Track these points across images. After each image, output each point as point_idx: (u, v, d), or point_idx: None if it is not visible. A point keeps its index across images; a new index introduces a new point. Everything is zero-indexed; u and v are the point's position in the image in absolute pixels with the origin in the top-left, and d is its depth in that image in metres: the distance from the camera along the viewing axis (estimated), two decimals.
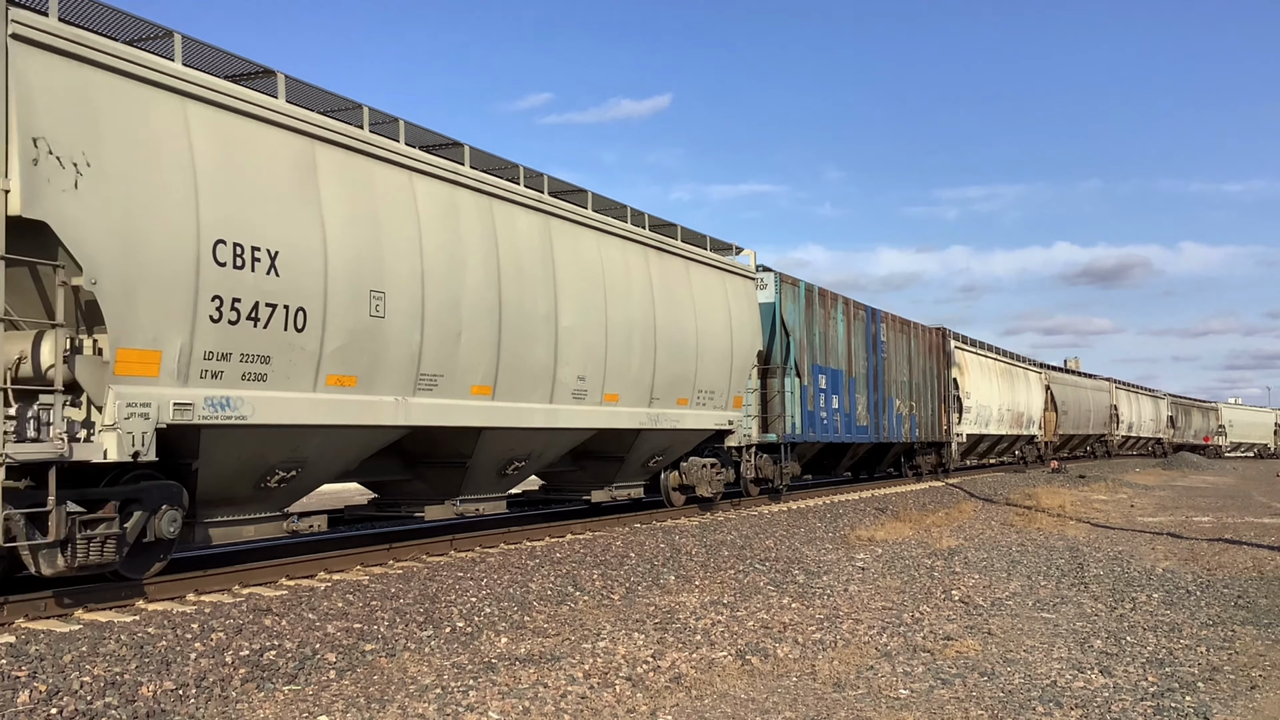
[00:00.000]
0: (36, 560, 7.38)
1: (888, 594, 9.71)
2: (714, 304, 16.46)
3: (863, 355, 23.13)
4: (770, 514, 17.23)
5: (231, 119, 8.60)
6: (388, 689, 6.23)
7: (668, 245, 15.40)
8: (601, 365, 13.45)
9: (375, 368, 9.81)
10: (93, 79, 7.60)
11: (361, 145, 9.80)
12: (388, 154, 10.12)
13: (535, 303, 12.13)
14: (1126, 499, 23.80)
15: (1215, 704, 6.03)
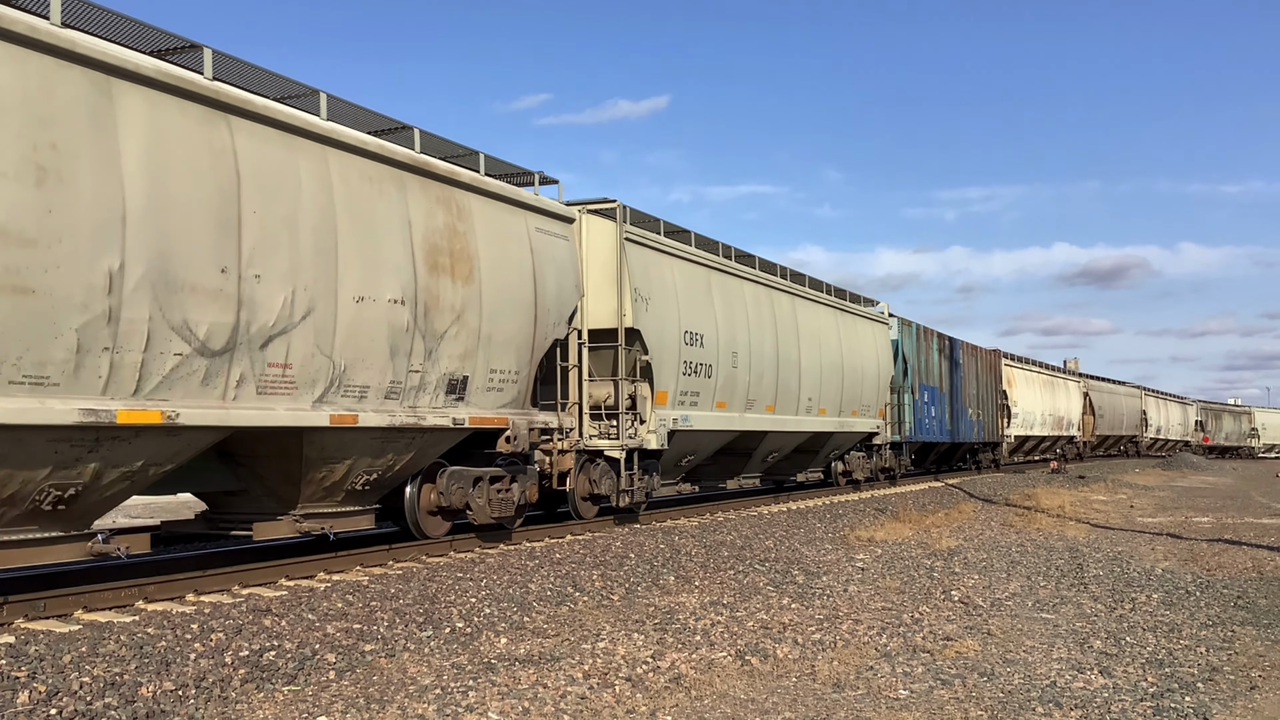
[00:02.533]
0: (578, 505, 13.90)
1: (887, 594, 9.71)
2: (866, 344, 23.30)
3: (948, 375, 29.90)
4: (770, 514, 17.25)
5: (675, 262, 15.68)
6: (387, 689, 6.23)
7: (844, 306, 22.54)
8: (818, 389, 20.34)
9: (732, 396, 16.99)
10: (651, 258, 14.99)
11: (730, 269, 17.42)
12: (739, 272, 17.74)
13: (790, 352, 19.10)
14: (1126, 499, 23.81)
15: (1215, 704, 6.03)
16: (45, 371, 7.07)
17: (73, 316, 7.17)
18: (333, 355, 9.34)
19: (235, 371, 8.43)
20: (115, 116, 7.55)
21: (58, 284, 7.07)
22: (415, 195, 10.43)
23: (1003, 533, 15.32)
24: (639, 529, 14.21)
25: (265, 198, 8.66)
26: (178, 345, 7.93)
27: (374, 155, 9.98)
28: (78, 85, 7.34)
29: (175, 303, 7.87)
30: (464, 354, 11.00)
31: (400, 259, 10.08)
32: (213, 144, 8.28)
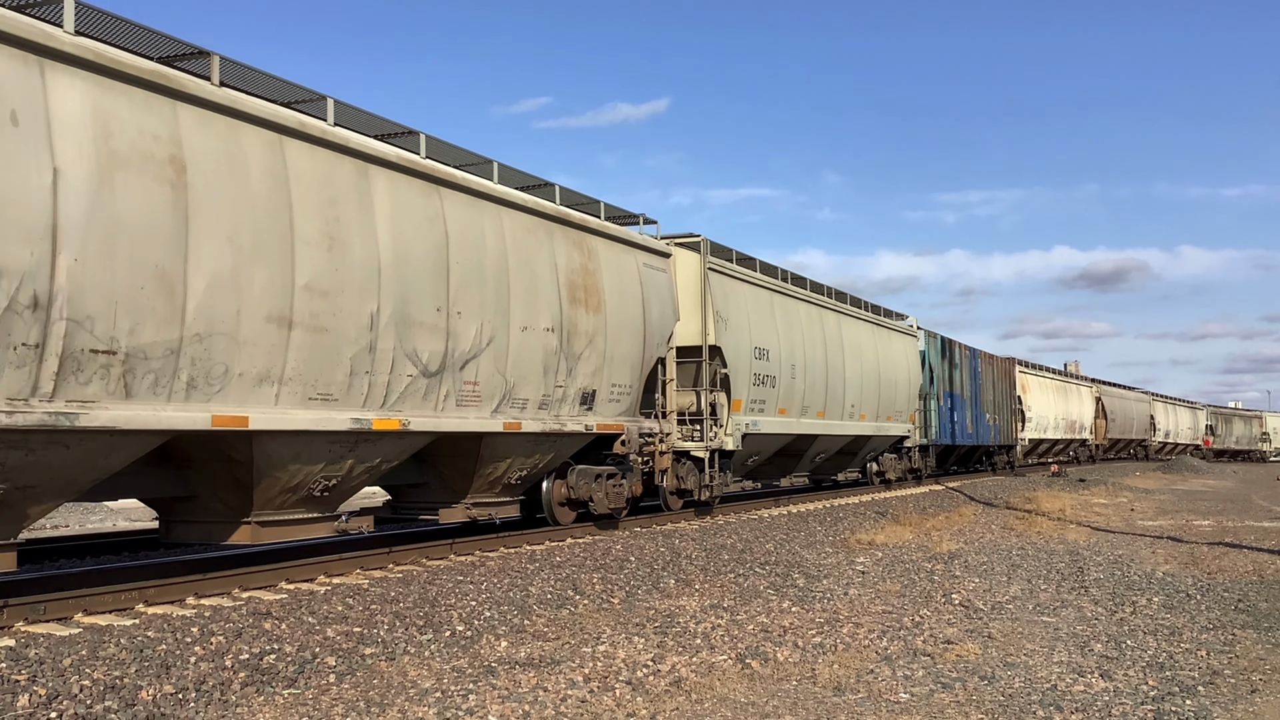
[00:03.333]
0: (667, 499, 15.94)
1: (888, 597, 9.70)
2: (898, 355, 25.53)
3: (969, 382, 31.95)
4: (770, 517, 17.25)
5: (744, 286, 17.98)
6: (387, 693, 6.23)
7: (879, 321, 24.76)
8: (859, 397, 22.58)
9: (791, 403, 19.20)
10: (727, 284, 17.26)
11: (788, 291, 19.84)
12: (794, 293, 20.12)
13: (837, 363, 21.41)
14: (1126, 503, 23.79)
15: (1215, 708, 6.02)
16: (330, 390, 9.22)
17: (348, 348, 9.34)
18: (505, 374, 11.54)
19: (443, 388, 10.62)
20: (372, 194, 9.72)
21: (340, 324, 9.23)
22: (559, 241, 12.65)
23: (1003, 536, 15.31)
24: (639, 532, 14.21)
25: (463, 250, 10.89)
26: (409, 369, 10.10)
27: (531, 210, 12.20)
28: (349, 172, 9.54)
29: (408, 336, 10.04)
30: (594, 371, 13.20)
31: (550, 295, 12.30)
32: (429, 210, 10.50)
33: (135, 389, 7.64)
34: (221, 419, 8.25)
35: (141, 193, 7.63)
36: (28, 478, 7.30)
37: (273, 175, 8.74)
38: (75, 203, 7.17)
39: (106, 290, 7.34)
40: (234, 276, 8.28)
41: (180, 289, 7.87)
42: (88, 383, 7.29)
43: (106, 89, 7.53)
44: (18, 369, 6.87)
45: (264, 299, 8.53)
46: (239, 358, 8.35)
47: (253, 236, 8.45)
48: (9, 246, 6.75)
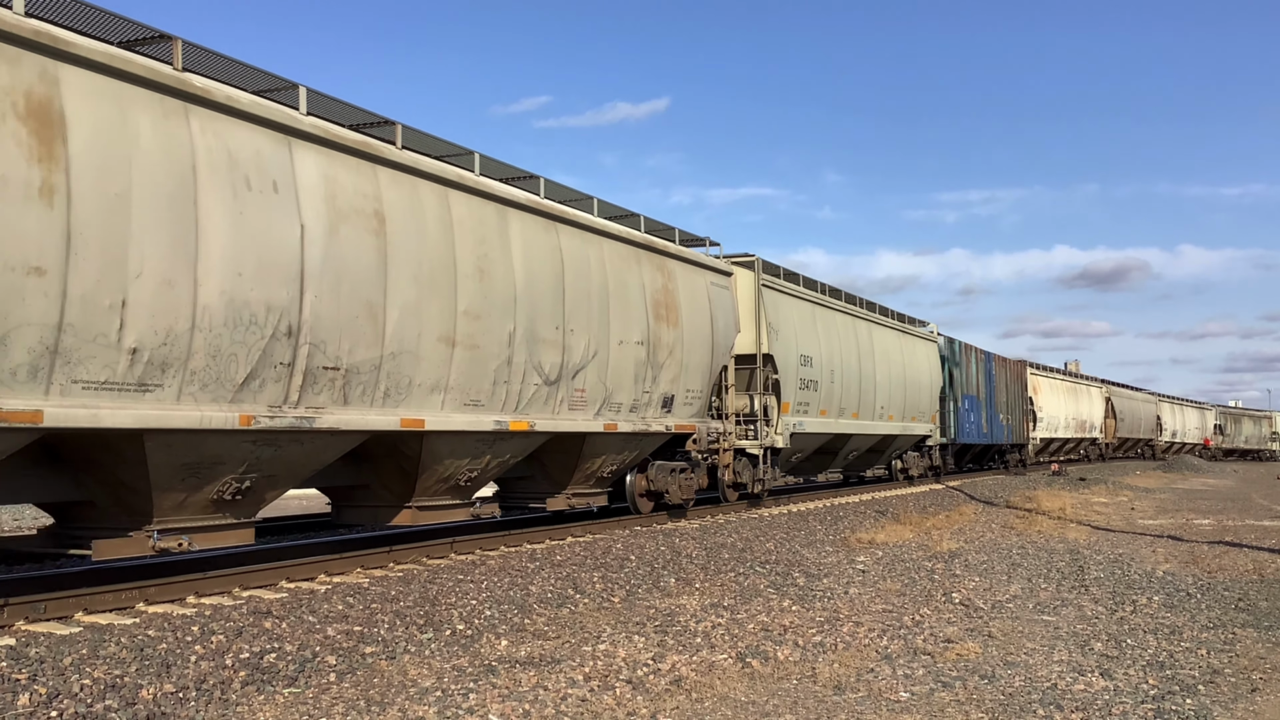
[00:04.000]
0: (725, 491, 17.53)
1: (888, 596, 9.70)
2: (921, 360, 27.53)
3: (984, 384, 33.76)
4: (771, 516, 17.25)
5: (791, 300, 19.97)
6: (388, 692, 6.23)
7: (904, 328, 26.81)
8: (888, 399, 24.59)
9: (830, 405, 21.40)
10: (778, 298, 19.19)
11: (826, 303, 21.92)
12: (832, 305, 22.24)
13: (868, 369, 23.37)
14: (1127, 501, 23.79)
15: (1216, 707, 6.02)
16: (479, 397, 11.10)
17: (493, 362, 11.22)
18: (606, 382, 13.36)
19: (559, 395, 12.43)
20: (508, 232, 11.60)
21: (487, 342, 11.11)
22: (645, 265, 14.54)
23: (1004, 535, 15.31)
24: (640, 531, 14.21)
25: (575, 276, 12.73)
26: (535, 378, 11.95)
27: (624, 239, 14.12)
28: (492, 214, 11.45)
29: (535, 350, 11.89)
30: (673, 379, 15.01)
31: (639, 312, 14.15)
32: (549, 243, 12.35)
33: (350, 398, 9.49)
34: (407, 421, 10.11)
35: (357, 241, 9.46)
36: (273, 469, 9.12)
37: (441, 221, 10.60)
38: (314, 251, 8.96)
39: (333, 320, 9.16)
40: (416, 306, 10.12)
41: (381, 317, 9.71)
42: (319, 393, 9.15)
43: (331, 158, 9.36)
44: (276, 383, 8.71)
45: (436, 323, 10.40)
46: (418, 372, 10.20)
47: (429, 272, 10.29)
48: (274, 288, 8.57)
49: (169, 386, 7.91)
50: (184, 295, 7.92)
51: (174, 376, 7.92)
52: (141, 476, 8.16)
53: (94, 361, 7.37)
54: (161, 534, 8.40)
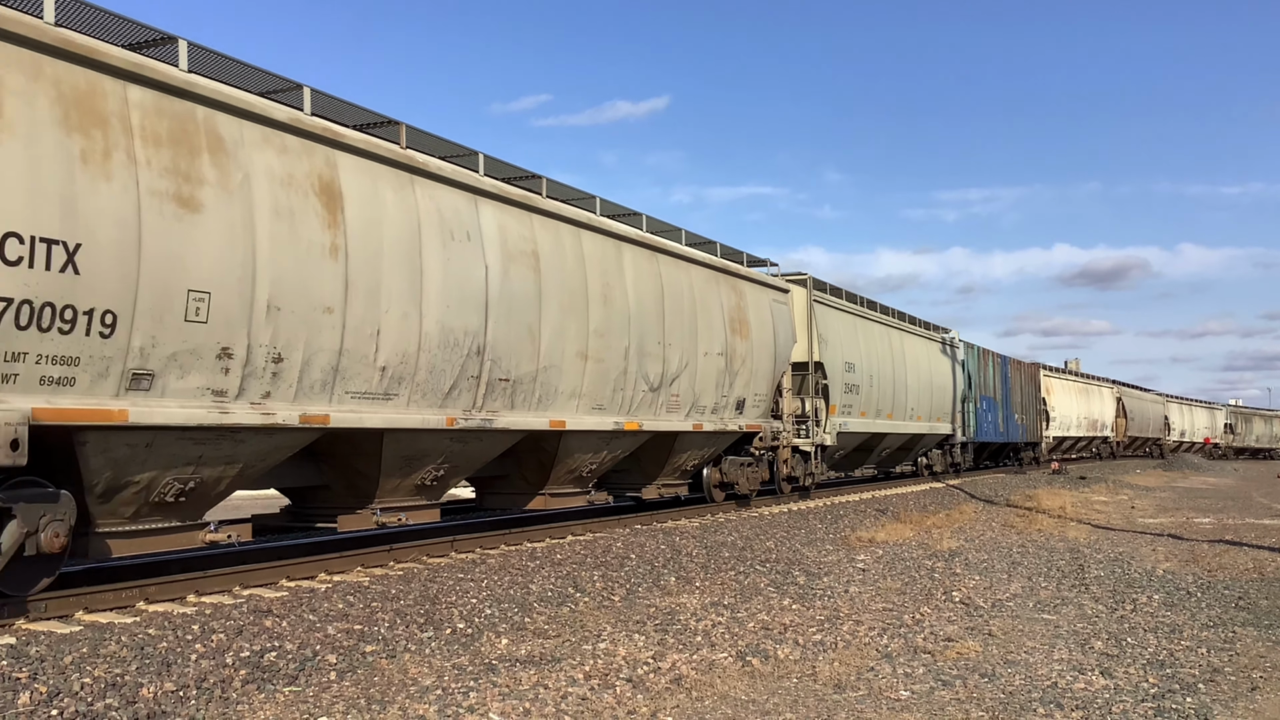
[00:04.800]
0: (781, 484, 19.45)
1: (888, 595, 9.70)
2: (945, 365, 29.97)
3: (999, 386, 36.24)
4: (771, 515, 17.25)
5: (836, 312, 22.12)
6: (388, 690, 6.23)
7: (930, 336, 29.25)
8: (918, 401, 26.99)
9: (869, 407, 23.61)
10: (826, 311, 21.26)
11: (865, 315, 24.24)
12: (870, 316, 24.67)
13: (901, 373, 25.84)
14: (1127, 500, 23.79)
15: (1216, 705, 6.02)
16: (602, 402, 13.31)
17: (613, 372, 13.42)
18: (694, 388, 15.62)
19: (660, 400, 14.68)
20: (623, 263, 13.88)
21: (609, 356, 13.34)
22: (723, 287, 16.82)
23: (1004, 534, 15.31)
24: (640, 530, 14.22)
25: (671, 299, 14.97)
26: (643, 386, 14.18)
27: (707, 265, 16.47)
28: (612, 249, 13.74)
29: (643, 362, 14.15)
30: (744, 384, 17.18)
31: (719, 327, 16.38)
32: (652, 271, 14.64)
33: (515, 403, 11.77)
34: (554, 422, 12.41)
35: (521, 277, 11.75)
36: (459, 461, 11.44)
37: (576, 256, 12.87)
38: (494, 286, 11.27)
39: (506, 341, 11.45)
40: (561, 327, 12.38)
41: (537, 338, 11.99)
42: (495, 400, 11.42)
43: (503, 210, 11.71)
44: (468, 392, 11.00)
45: (574, 341, 12.65)
46: (561, 381, 12.43)
47: (569, 300, 12.57)
48: (469, 316, 10.88)
49: (402, 395, 10.18)
50: (414, 324, 10.18)
51: (406, 387, 10.19)
52: (374, 466, 10.44)
53: (359, 377, 9.62)
54: (383, 511, 10.71)
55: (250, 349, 8.51)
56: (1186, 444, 71.75)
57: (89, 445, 7.63)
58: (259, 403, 8.68)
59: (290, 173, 8.94)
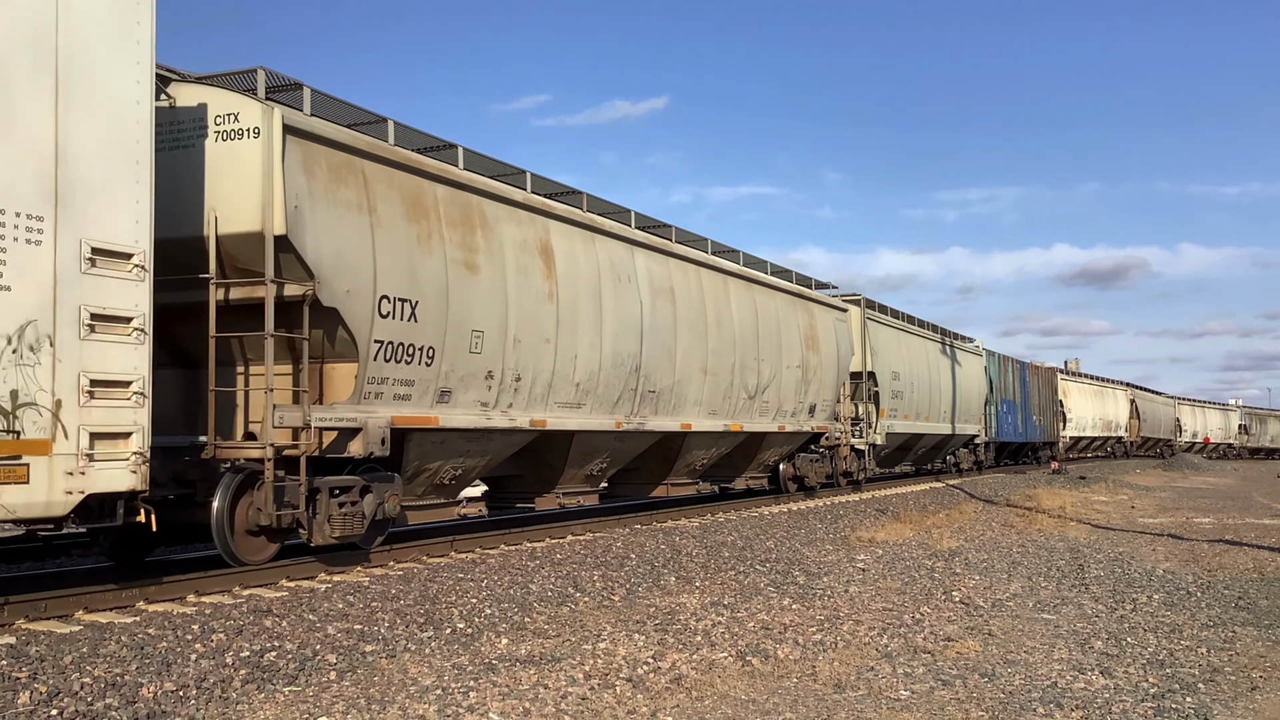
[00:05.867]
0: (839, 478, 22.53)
1: (888, 595, 9.70)
2: (972, 371, 33.05)
3: (1019, 390, 39.55)
4: (771, 515, 17.25)
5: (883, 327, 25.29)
6: (388, 690, 6.23)
7: (960, 346, 32.22)
8: (949, 404, 30.09)
9: (910, 410, 26.26)
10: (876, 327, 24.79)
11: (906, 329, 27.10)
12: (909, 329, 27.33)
13: (936, 380, 28.89)
14: (1127, 500, 23.80)
15: (1216, 705, 6.02)
16: (716, 409, 16.46)
17: (723, 383, 16.52)
18: (779, 395, 18.60)
19: (755, 406, 17.73)
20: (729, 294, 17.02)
21: (721, 370, 16.41)
22: (798, 309, 19.79)
23: (1004, 533, 15.32)
24: (639, 529, 14.23)
25: (763, 322, 18.08)
26: (743, 395, 17.21)
27: (787, 291, 19.50)
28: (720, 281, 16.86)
29: (744, 375, 17.13)
30: (815, 391, 20.15)
31: (797, 344, 19.35)
32: (749, 299, 17.68)
33: (658, 410, 14.78)
34: (684, 425, 15.49)
35: (663, 309, 14.74)
36: (616, 457, 14.62)
37: (698, 289, 15.93)
38: (645, 317, 14.25)
39: (653, 360, 14.39)
40: (689, 348, 15.43)
41: (674, 357, 14.98)
42: (644, 408, 14.39)
43: (650, 256, 14.71)
44: (627, 401, 13.97)
45: (698, 359, 15.67)
46: (688, 392, 15.47)
47: (694, 326, 15.60)
48: (630, 342, 13.87)
49: (588, 405, 13.20)
50: (596, 350, 13.18)
51: (590, 398, 13.20)
52: (562, 459, 13.43)
53: (562, 391, 12.62)
54: (563, 495, 13.87)
55: (503, 371, 11.59)
56: (1199, 444, 74.48)
57: (412, 441, 10.62)
58: (506, 411, 11.76)
59: (524, 239, 12.04)
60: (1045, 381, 44.06)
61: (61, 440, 7.19)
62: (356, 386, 9.72)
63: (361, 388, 9.75)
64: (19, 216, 7.04)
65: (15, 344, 7.01)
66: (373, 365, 9.78)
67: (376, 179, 9.99)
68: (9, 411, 6.95)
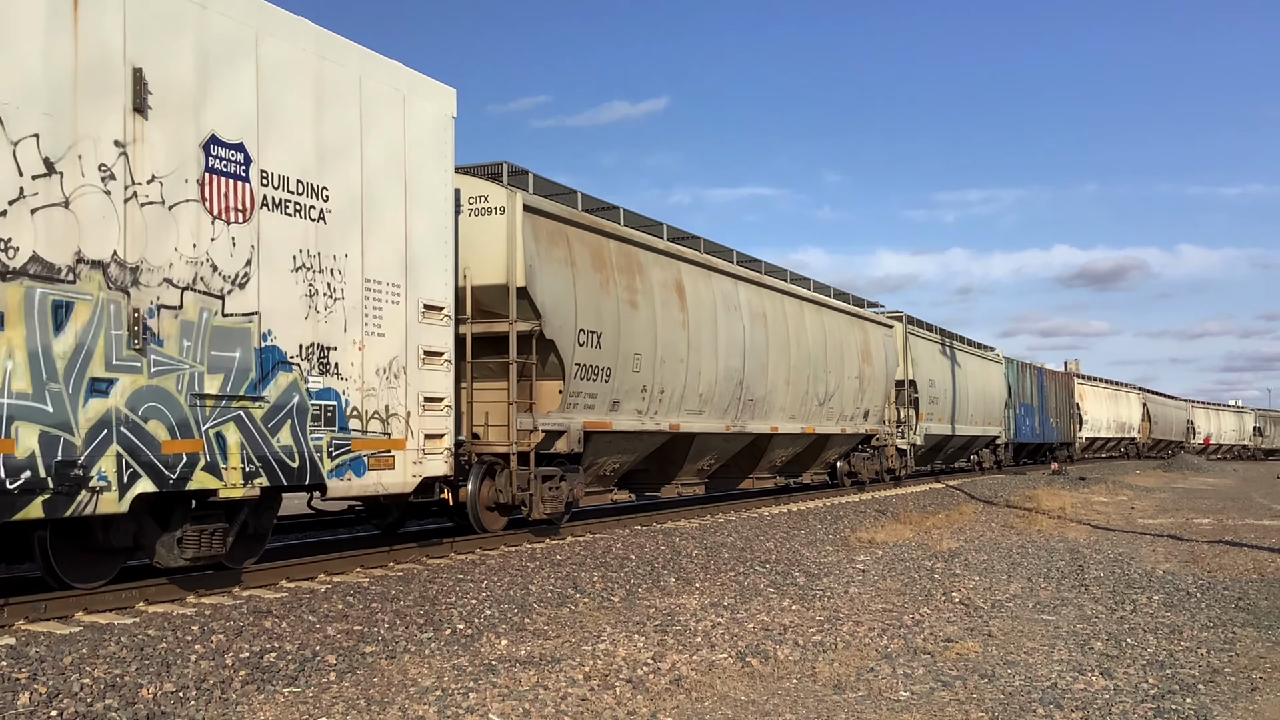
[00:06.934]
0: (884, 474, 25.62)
1: (888, 596, 9.70)
2: (994, 378, 36.01)
3: (1036, 394, 42.46)
4: (771, 516, 17.25)
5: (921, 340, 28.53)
6: (388, 691, 6.23)
7: (984, 355, 35.47)
8: (974, 409, 32.72)
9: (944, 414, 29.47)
10: (915, 340, 27.72)
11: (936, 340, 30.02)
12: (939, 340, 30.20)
13: (962, 386, 31.23)
14: (1127, 501, 23.79)
15: (1216, 706, 6.02)
16: (795, 413, 19.47)
17: (800, 393, 19.55)
18: (841, 402, 21.66)
19: (823, 411, 20.73)
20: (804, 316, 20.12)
21: (798, 381, 19.37)
22: (855, 328, 22.87)
23: (1003, 534, 15.32)
24: (640, 530, 14.23)
25: (830, 340, 21.12)
26: (815, 402, 20.26)
27: (847, 313, 22.79)
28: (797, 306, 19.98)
29: (815, 386, 20.18)
30: (869, 398, 23.21)
31: (855, 358, 22.39)
32: (820, 322, 20.86)
33: (755, 416, 17.86)
34: (772, 428, 18.50)
35: (758, 331, 17.86)
36: (721, 454, 17.58)
37: (783, 314, 19.09)
38: (747, 339, 17.35)
39: (751, 374, 17.51)
40: (777, 364, 18.51)
41: (766, 371, 18.11)
42: (744, 413, 17.46)
43: (748, 288, 17.94)
44: (731, 409, 16.96)
45: (782, 373, 18.74)
46: (776, 399, 18.58)
47: (780, 345, 18.69)
48: (735, 360, 16.89)
49: (706, 411, 16.17)
50: (713, 366, 16.19)
51: (708, 406, 16.20)
52: (683, 456, 16.26)
53: (689, 400, 15.59)
54: (681, 486, 16.92)
55: (653, 385, 14.58)
56: (1214, 445, 77.76)
57: (591, 441, 13.33)
58: (653, 417, 14.75)
59: (665, 279, 15.16)
60: (1062, 385, 47.21)
61: (410, 439, 10.19)
62: (562, 399, 12.67)
63: (565, 400, 12.74)
64: (388, 285, 9.97)
65: (387, 373, 9.93)
66: (573, 383, 12.87)
67: (575, 239, 13.18)
68: (384, 419, 9.88)
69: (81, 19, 7.30)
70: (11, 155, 6.83)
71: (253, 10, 8.62)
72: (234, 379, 8.32)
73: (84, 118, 7.27)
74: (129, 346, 7.48)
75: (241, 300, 8.43)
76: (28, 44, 6.98)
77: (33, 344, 6.88)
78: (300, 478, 8.96)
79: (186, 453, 7.91)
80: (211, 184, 8.21)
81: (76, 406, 7.15)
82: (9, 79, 6.86)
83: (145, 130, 7.70)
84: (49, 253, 7.01)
